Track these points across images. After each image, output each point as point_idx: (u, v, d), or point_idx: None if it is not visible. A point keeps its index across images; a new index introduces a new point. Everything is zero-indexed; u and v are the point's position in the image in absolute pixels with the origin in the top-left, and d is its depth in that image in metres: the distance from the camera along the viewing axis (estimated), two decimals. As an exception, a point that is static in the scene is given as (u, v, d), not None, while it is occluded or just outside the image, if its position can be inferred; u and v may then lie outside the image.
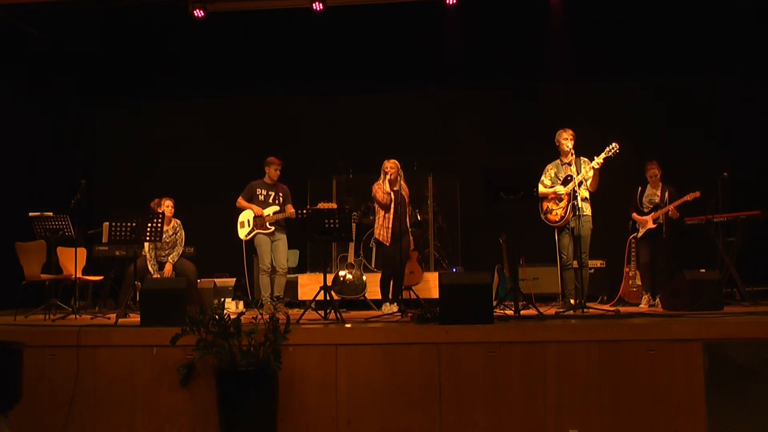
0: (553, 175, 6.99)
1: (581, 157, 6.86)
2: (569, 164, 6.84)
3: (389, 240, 7.23)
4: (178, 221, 7.87)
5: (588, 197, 6.85)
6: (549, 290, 7.82)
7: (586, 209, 6.82)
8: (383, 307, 7.21)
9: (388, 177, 7.23)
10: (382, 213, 7.33)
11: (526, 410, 5.05)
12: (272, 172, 7.54)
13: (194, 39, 9.02)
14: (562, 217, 6.87)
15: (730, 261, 7.27)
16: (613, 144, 6.64)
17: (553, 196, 6.91)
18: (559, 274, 7.11)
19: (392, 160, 7.30)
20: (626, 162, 6.76)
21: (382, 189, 7.27)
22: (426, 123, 9.49)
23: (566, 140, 6.86)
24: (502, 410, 5.06)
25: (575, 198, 6.67)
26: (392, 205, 7.21)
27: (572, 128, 6.94)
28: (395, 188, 7.25)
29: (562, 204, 6.87)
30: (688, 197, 7.10)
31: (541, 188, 6.94)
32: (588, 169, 6.74)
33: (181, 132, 9.86)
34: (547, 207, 6.97)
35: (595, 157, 6.71)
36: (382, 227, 7.30)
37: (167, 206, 7.70)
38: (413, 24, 8.93)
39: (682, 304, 6.21)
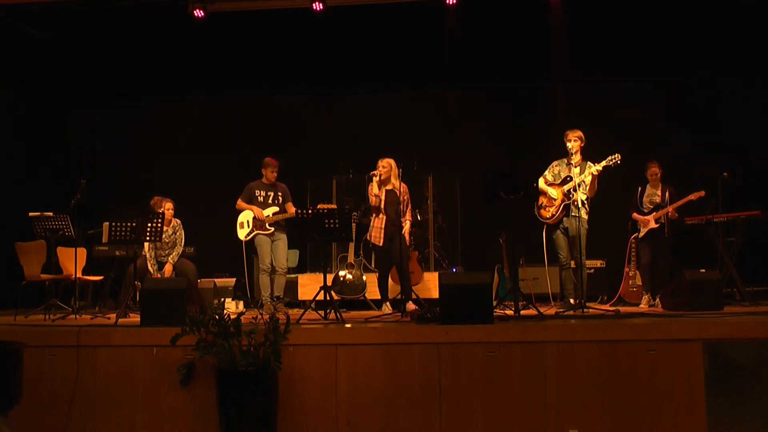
0: (556, 172, 6.99)
1: (588, 162, 6.84)
2: (575, 166, 6.81)
3: (382, 241, 7.17)
4: (178, 221, 7.87)
5: (584, 200, 6.83)
6: (549, 290, 7.81)
7: (582, 212, 6.81)
8: (383, 308, 7.20)
9: (376, 178, 7.10)
10: (374, 214, 7.28)
11: (526, 410, 5.05)
12: (269, 173, 7.53)
13: (194, 39, 9.02)
14: (553, 215, 6.89)
15: (730, 261, 7.27)
16: (616, 154, 6.64)
17: (547, 196, 6.91)
18: (547, 273, 7.10)
19: (385, 160, 7.16)
20: (626, 162, 6.75)
21: (370, 191, 7.22)
22: (426, 123, 9.48)
23: (569, 141, 6.83)
24: (502, 410, 5.06)
25: (570, 199, 6.67)
26: (382, 206, 7.14)
27: (576, 129, 6.90)
28: (388, 187, 7.19)
29: (556, 203, 6.88)
30: (692, 196, 7.10)
31: (540, 182, 6.95)
32: (587, 173, 6.74)
33: (181, 132, 9.85)
34: (542, 202, 6.99)
35: (595, 164, 6.72)
36: (375, 228, 7.23)
37: (167, 209, 7.69)
38: (413, 24, 8.93)
39: (682, 304, 6.21)
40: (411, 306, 6.89)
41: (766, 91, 8.69)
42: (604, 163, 6.69)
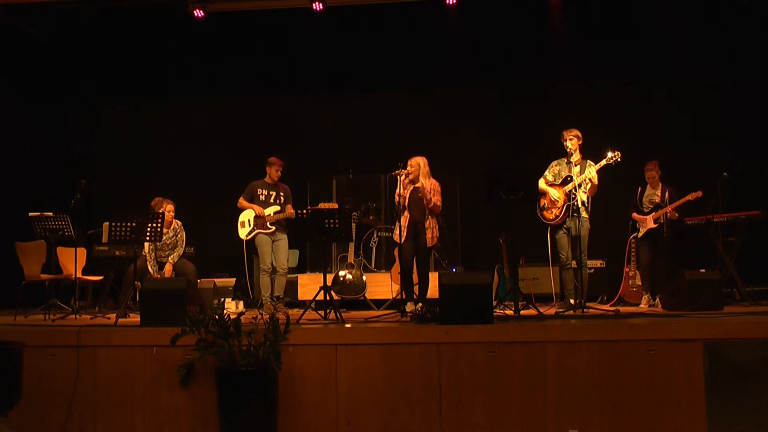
0: (556, 172, 7.00)
1: (587, 160, 6.85)
2: (575, 165, 6.82)
3: (403, 239, 7.01)
4: (179, 222, 7.86)
5: (586, 200, 6.83)
6: (549, 290, 7.82)
7: (583, 212, 6.80)
8: (407, 306, 7.08)
9: (401, 178, 6.99)
10: (400, 213, 7.19)
11: (526, 410, 5.05)
12: (273, 172, 7.53)
13: (194, 39, 9.02)
14: (557, 216, 6.90)
15: (730, 261, 7.27)
16: (616, 152, 6.64)
17: (549, 197, 6.92)
18: (551, 273, 7.09)
19: (414, 159, 7.03)
20: (626, 162, 6.75)
21: (397, 191, 7.13)
22: (426, 123, 9.48)
23: (567, 141, 6.85)
24: (502, 410, 5.06)
25: (573, 199, 6.68)
26: (406, 204, 6.98)
27: (573, 128, 6.92)
28: (417, 185, 7.03)
29: (559, 204, 6.88)
30: (689, 197, 7.11)
31: (541, 182, 6.95)
32: (588, 173, 6.74)
33: (181, 132, 9.86)
34: (544, 204, 6.99)
35: (595, 163, 6.73)
36: (398, 226, 7.15)
37: (168, 210, 7.67)
38: (413, 24, 8.93)
39: (682, 304, 6.21)
40: (410, 306, 6.87)
41: (766, 91, 8.70)
42: (603, 162, 6.71)
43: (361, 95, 9.65)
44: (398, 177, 7.01)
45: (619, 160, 6.65)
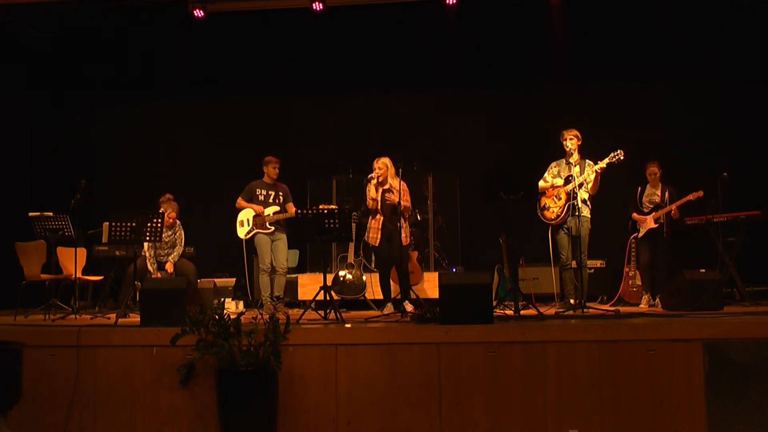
0: (556, 173, 7.00)
1: (587, 160, 6.85)
2: (574, 165, 6.82)
3: (378, 241, 7.15)
4: (178, 221, 7.86)
5: (587, 199, 6.84)
6: (549, 290, 7.82)
7: (585, 211, 6.82)
8: (385, 307, 7.17)
9: (373, 181, 7.07)
10: (371, 215, 7.24)
11: (526, 410, 5.05)
12: (271, 170, 7.53)
13: (194, 39, 9.02)
14: (558, 216, 6.89)
15: (730, 261, 7.27)
16: (618, 151, 6.64)
17: (551, 192, 6.92)
18: (552, 272, 7.09)
19: (380, 160, 7.10)
20: (626, 162, 6.76)
21: (368, 194, 7.20)
22: (426, 123, 9.48)
23: (566, 141, 6.86)
24: (502, 410, 5.06)
25: (574, 198, 6.67)
26: (379, 207, 7.10)
27: (573, 128, 6.93)
28: (386, 187, 7.15)
29: (560, 203, 6.88)
30: (690, 197, 7.11)
31: (541, 183, 6.95)
32: (590, 172, 6.74)
33: (181, 132, 9.86)
34: (545, 203, 6.99)
35: (599, 162, 6.73)
36: (371, 229, 7.19)
37: (168, 213, 7.63)
38: (413, 24, 8.93)
39: (682, 304, 6.21)
40: (409, 307, 6.87)
41: (766, 91, 8.69)
42: (607, 160, 6.70)
43: (361, 95, 9.65)
44: (371, 180, 7.04)
45: (621, 158, 6.63)
